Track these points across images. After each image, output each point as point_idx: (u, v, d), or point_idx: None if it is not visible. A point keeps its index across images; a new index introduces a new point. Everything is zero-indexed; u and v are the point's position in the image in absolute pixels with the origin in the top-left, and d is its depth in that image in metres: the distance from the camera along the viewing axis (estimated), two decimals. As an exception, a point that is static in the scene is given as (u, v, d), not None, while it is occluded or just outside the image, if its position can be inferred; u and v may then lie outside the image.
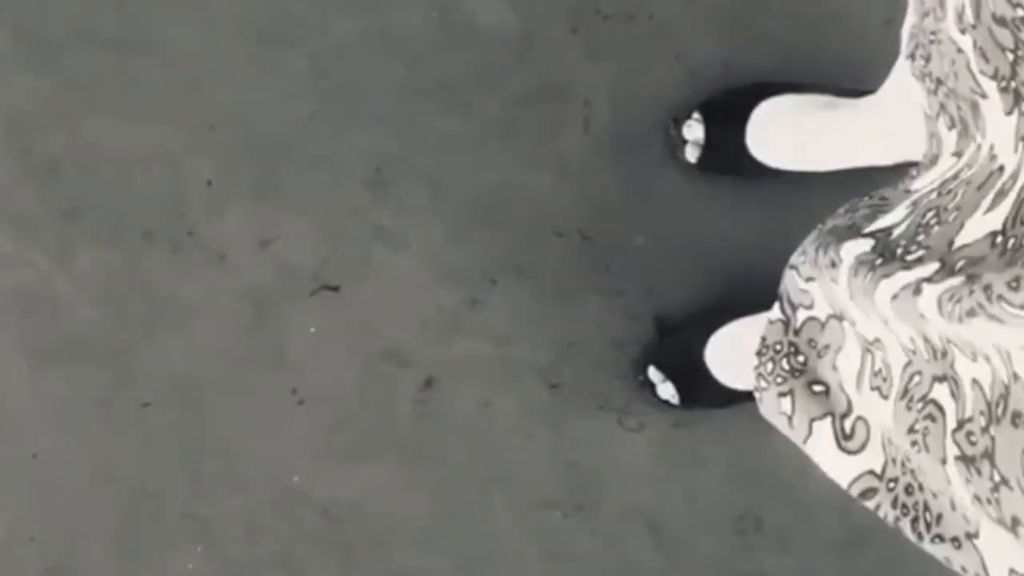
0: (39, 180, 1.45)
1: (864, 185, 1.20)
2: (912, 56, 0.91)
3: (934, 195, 0.87)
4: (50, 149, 1.45)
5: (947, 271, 0.77)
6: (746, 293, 1.43)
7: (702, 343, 1.43)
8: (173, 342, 1.46)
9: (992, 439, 0.76)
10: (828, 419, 0.97)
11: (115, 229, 1.46)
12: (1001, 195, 0.79)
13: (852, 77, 1.43)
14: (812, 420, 0.98)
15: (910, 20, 0.93)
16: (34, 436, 1.45)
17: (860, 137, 1.39)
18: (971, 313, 0.72)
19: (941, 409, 0.82)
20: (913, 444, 0.85)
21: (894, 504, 0.92)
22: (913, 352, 0.85)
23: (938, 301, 0.75)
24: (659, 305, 1.48)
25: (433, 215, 1.47)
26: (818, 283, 0.95)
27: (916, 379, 0.85)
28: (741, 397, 1.42)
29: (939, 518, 0.88)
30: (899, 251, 0.84)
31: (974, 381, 0.78)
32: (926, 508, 0.89)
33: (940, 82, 0.87)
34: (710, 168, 1.45)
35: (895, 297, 0.80)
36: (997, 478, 0.76)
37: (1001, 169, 0.80)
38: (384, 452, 1.48)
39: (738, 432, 1.47)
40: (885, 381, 0.90)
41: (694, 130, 1.45)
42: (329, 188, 1.47)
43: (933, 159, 0.93)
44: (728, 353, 1.42)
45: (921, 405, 0.84)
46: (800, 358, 1.00)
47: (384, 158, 1.47)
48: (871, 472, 0.94)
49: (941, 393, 0.82)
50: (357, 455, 1.48)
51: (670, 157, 1.47)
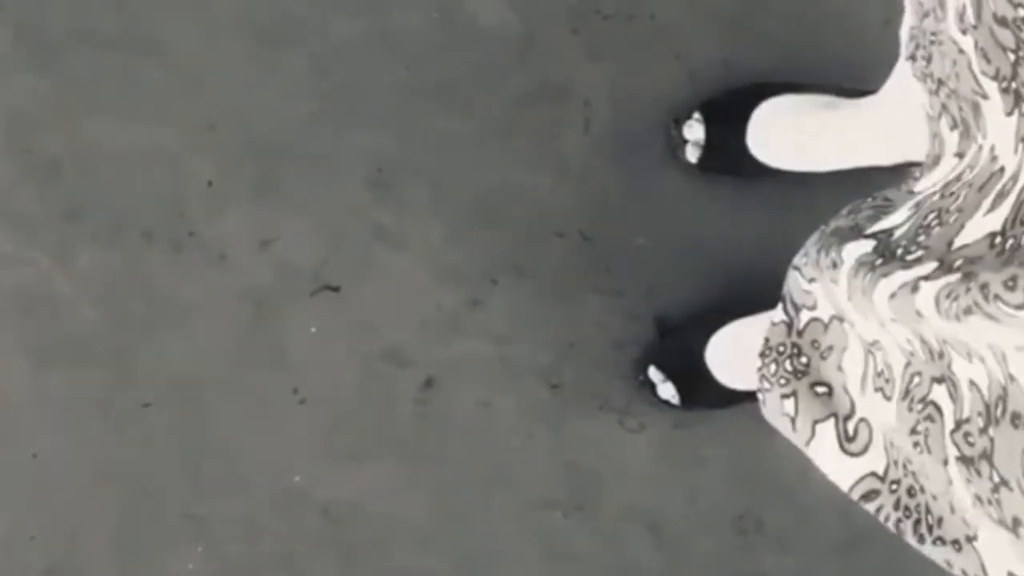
0: (39, 180, 1.45)
1: (865, 185, 1.20)
2: (913, 57, 0.91)
3: (936, 197, 0.87)
4: (50, 149, 1.45)
5: (945, 269, 0.77)
6: (746, 293, 1.43)
7: (702, 343, 1.43)
8: (173, 342, 1.46)
9: (991, 440, 0.76)
10: (831, 421, 0.97)
11: (115, 229, 1.46)
12: (1001, 196, 0.78)
13: (853, 77, 1.43)
14: (815, 422, 0.98)
15: (908, 21, 0.93)
16: (34, 436, 1.45)
17: (861, 137, 1.39)
18: (968, 311, 0.72)
19: (939, 410, 0.82)
20: (915, 445, 0.85)
21: (896, 506, 0.92)
22: (911, 354, 0.85)
23: (935, 299, 0.75)
24: (659, 305, 1.48)
25: (434, 215, 1.47)
26: (819, 284, 0.95)
27: (916, 380, 0.85)
28: (741, 397, 1.42)
29: (940, 520, 0.88)
30: (899, 251, 0.84)
31: (971, 383, 0.78)
32: (928, 510, 0.89)
33: (942, 83, 0.87)
34: (710, 168, 1.45)
35: (893, 296, 0.80)
36: (997, 479, 0.76)
37: (1002, 170, 0.80)
38: (384, 452, 1.48)
39: (738, 432, 1.47)
40: (888, 382, 0.90)
41: (694, 130, 1.45)
42: (329, 188, 1.47)
43: (936, 160, 0.92)
44: (728, 353, 1.42)
45: (921, 406, 0.84)
46: (803, 359, 1.00)
47: (384, 158, 1.47)
48: (873, 474, 0.94)
49: (940, 394, 0.82)
50: (357, 455, 1.48)
51: (670, 157, 1.47)
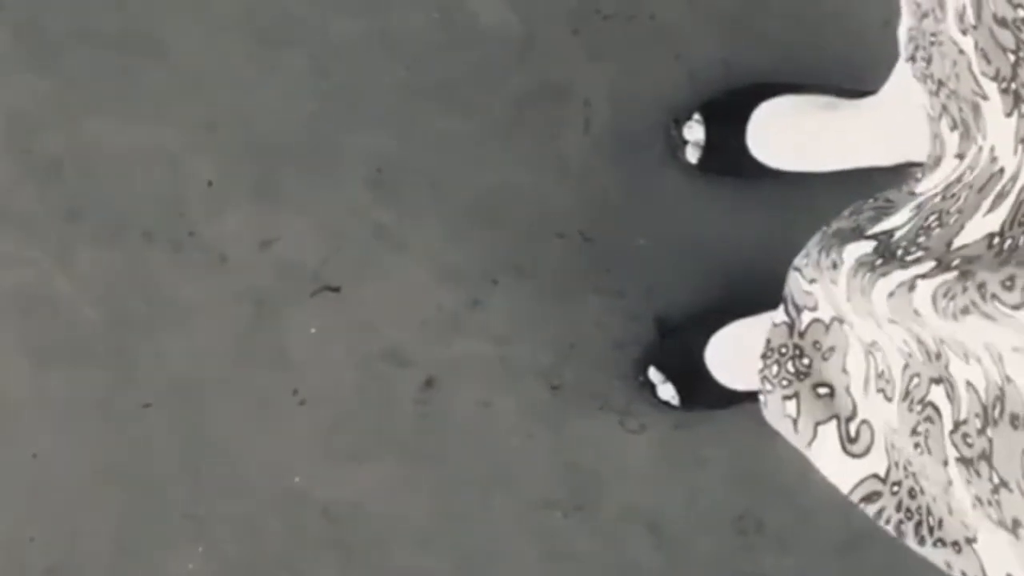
0: (39, 180, 1.45)
1: (865, 186, 1.20)
2: (913, 58, 0.91)
3: (938, 199, 0.87)
4: (50, 149, 1.45)
5: (942, 268, 0.77)
6: (747, 294, 1.43)
7: (702, 344, 1.43)
8: (173, 342, 1.46)
9: (990, 441, 0.76)
10: (833, 422, 0.97)
11: (115, 229, 1.46)
12: (1001, 197, 0.78)
13: (853, 77, 1.43)
14: (817, 424, 0.98)
15: (906, 22, 0.92)
16: (34, 436, 1.45)
17: (861, 138, 1.39)
18: (965, 311, 0.71)
19: (938, 412, 0.82)
20: (916, 447, 0.85)
21: (898, 508, 0.92)
22: (909, 355, 0.85)
23: (933, 297, 0.75)
24: (660, 306, 1.48)
25: (434, 215, 1.47)
26: (819, 285, 0.95)
27: (915, 381, 0.85)
28: (741, 398, 1.42)
29: (940, 522, 0.88)
30: (899, 252, 0.84)
31: (968, 384, 0.78)
32: (928, 512, 0.89)
33: (942, 84, 0.87)
34: (711, 169, 1.45)
35: (891, 295, 0.80)
36: (996, 480, 0.76)
37: (1001, 171, 0.80)
38: (384, 452, 1.48)
39: (738, 433, 1.47)
40: (888, 383, 0.89)
41: (695, 131, 1.45)
42: (329, 188, 1.47)
43: (937, 161, 0.92)
44: (728, 354, 1.42)
45: (920, 407, 0.84)
46: (805, 361, 0.99)
47: (385, 158, 1.47)
48: (875, 476, 0.94)
49: (938, 395, 0.82)
50: (357, 455, 1.48)
51: (670, 158, 1.47)
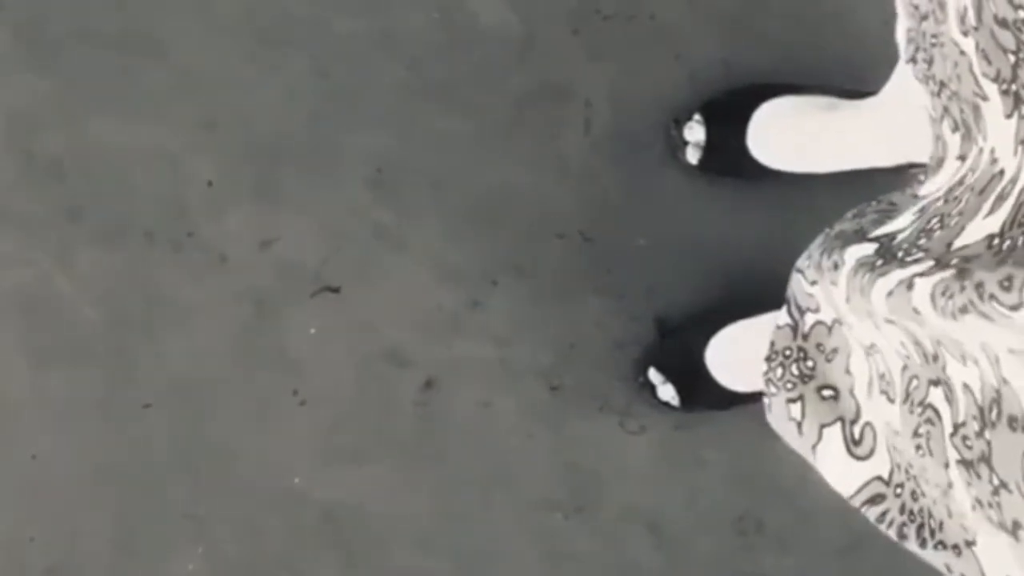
0: (39, 180, 1.45)
1: (866, 187, 1.20)
2: (913, 60, 0.91)
3: (940, 202, 0.87)
4: (50, 149, 1.45)
5: (940, 267, 0.77)
6: (747, 295, 1.43)
7: (703, 345, 1.42)
8: (173, 342, 1.46)
9: (988, 443, 0.76)
10: (838, 425, 0.97)
11: (116, 229, 1.45)
12: (1001, 199, 0.78)
13: (853, 78, 1.43)
14: (822, 426, 0.97)
15: (904, 24, 0.92)
16: (34, 436, 1.45)
17: (861, 138, 1.39)
18: (964, 310, 0.71)
19: (938, 413, 0.82)
20: (918, 448, 0.85)
21: (901, 510, 0.92)
22: (907, 357, 0.85)
23: (931, 296, 0.75)
24: (660, 306, 1.48)
25: (434, 215, 1.47)
26: (820, 286, 0.95)
27: (915, 383, 0.85)
28: (741, 399, 1.42)
29: (941, 525, 0.88)
30: (900, 254, 0.84)
31: (965, 386, 0.78)
32: (930, 515, 0.89)
33: (943, 85, 0.87)
34: (711, 169, 1.45)
35: (890, 294, 0.80)
36: (996, 482, 0.76)
37: (1001, 173, 0.80)
38: (384, 453, 1.48)
39: (739, 434, 1.47)
40: (890, 385, 0.89)
41: (695, 131, 1.44)
42: (329, 188, 1.47)
43: (939, 162, 0.92)
44: (729, 355, 1.42)
45: (921, 409, 0.84)
46: (809, 363, 0.99)
47: (385, 158, 1.47)
48: (879, 478, 0.94)
49: (936, 397, 0.82)
50: (357, 456, 1.48)
51: (671, 158, 1.47)
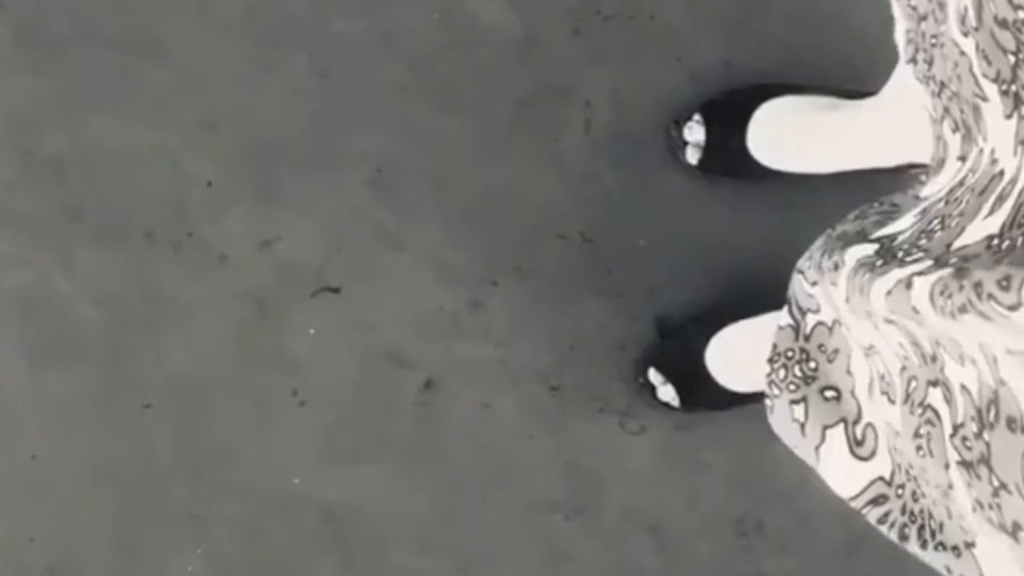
0: (40, 180, 1.45)
1: (866, 187, 1.20)
2: (914, 60, 0.91)
3: (941, 203, 0.87)
4: (51, 149, 1.45)
5: (939, 265, 0.77)
6: (747, 295, 1.42)
7: (703, 345, 1.42)
8: (173, 343, 1.46)
9: (987, 444, 0.76)
10: (841, 426, 0.96)
11: (116, 229, 1.45)
12: (1001, 200, 0.78)
13: (854, 78, 1.43)
14: (825, 427, 0.97)
15: (903, 25, 0.92)
16: (34, 437, 1.45)
17: (862, 138, 1.39)
18: (963, 310, 0.71)
19: (937, 414, 0.82)
20: (919, 449, 0.85)
21: (903, 511, 0.92)
22: (905, 358, 0.85)
23: (930, 295, 0.75)
24: (660, 307, 1.48)
25: (434, 215, 1.47)
26: (820, 287, 0.95)
27: (913, 383, 0.85)
28: (741, 399, 1.42)
29: (941, 526, 0.87)
30: (900, 254, 0.84)
31: (963, 387, 0.78)
32: (930, 516, 0.89)
33: (944, 85, 0.87)
34: (711, 170, 1.45)
35: (889, 293, 0.80)
36: (996, 483, 0.76)
37: (1001, 174, 0.80)
38: (384, 453, 1.48)
39: (739, 435, 1.47)
40: (890, 386, 0.89)
41: (695, 132, 1.44)
42: (330, 188, 1.47)
43: (940, 163, 0.92)
44: (729, 355, 1.42)
45: (921, 410, 0.84)
46: (812, 364, 0.99)
47: (385, 158, 1.47)
48: (881, 479, 0.94)
49: (935, 398, 0.82)
50: (357, 456, 1.48)
51: (671, 158, 1.47)
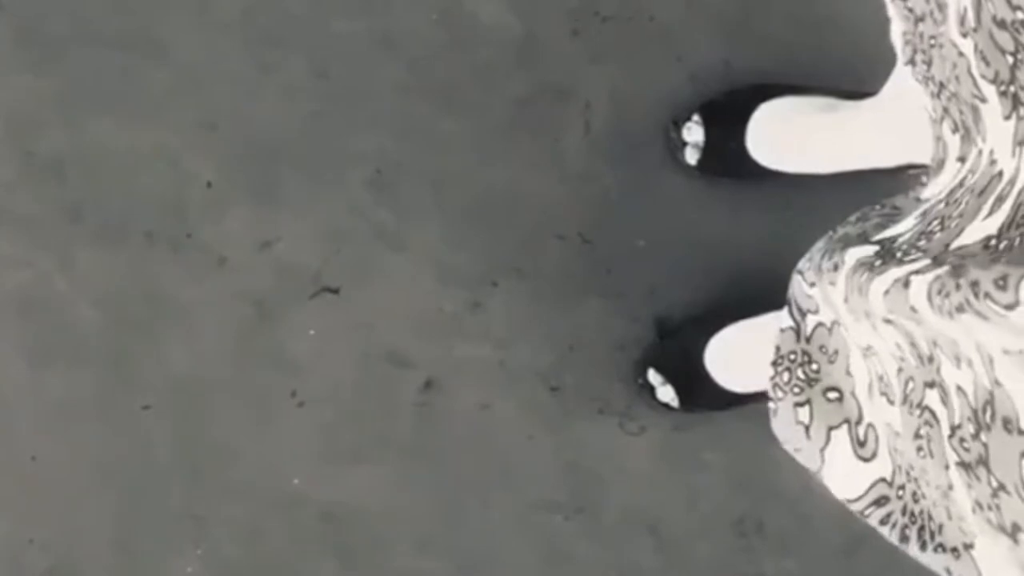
0: (40, 180, 1.45)
1: (865, 187, 1.20)
2: (912, 62, 0.91)
3: (942, 205, 0.87)
4: (50, 149, 1.45)
5: (936, 264, 0.77)
6: (746, 296, 1.42)
7: (702, 346, 1.42)
8: (173, 343, 1.46)
9: (984, 445, 0.76)
10: (845, 427, 0.97)
11: (116, 230, 1.46)
12: (1000, 201, 0.78)
13: (853, 79, 1.43)
14: (830, 428, 0.97)
15: (899, 27, 0.92)
16: (34, 437, 1.45)
17: (861, 139, 1.39)
18: (960, 309, 0.71)
19: (935, 416, 0.82)
20: (919, 450, 0.85)
21: (904, 512, 0.92)
22: (901, 359, 0.85)
23: (927, 293, 0.75)
24: (659, 307, 1.48)
25: (434, 216, 1.47)
26: (818, 288, 0.95)
27: (911, 384, 0.85)
28: (740, 400, 1.42)
29: (941, 527, 0.88)
30: (899, 255, 0.84)
31: (958, 388, 0.78)
32: (930, 517, 0.89)
33: (943, 86, 0.87)
34: (710, 170, 1.45)
35: (887, 292, 0.80)
36: (995, 484, 0.76)
37: (1000, 175, 0.80)
38: (384, 454, 1.48)
39: (738, 435, 1.47)
40: (888, 387, 0.89)
41: (694, 132, 1.44)
42: (329, 189, 1.47)
43: (940, 164, 0.92)
44: (728, 356, 1.42)
45: (919, 411, 0.84)
46: (814, 366, 0.99)
47: (384, 159, 1.47)
48: (883, 480, 0.94)
49: (933, 399, 0.82)
50: (357, 457, 1.48)
51: (670, 159, 1.47)
